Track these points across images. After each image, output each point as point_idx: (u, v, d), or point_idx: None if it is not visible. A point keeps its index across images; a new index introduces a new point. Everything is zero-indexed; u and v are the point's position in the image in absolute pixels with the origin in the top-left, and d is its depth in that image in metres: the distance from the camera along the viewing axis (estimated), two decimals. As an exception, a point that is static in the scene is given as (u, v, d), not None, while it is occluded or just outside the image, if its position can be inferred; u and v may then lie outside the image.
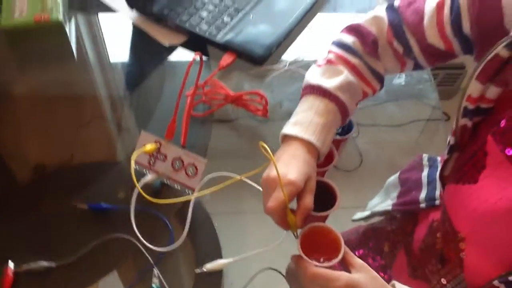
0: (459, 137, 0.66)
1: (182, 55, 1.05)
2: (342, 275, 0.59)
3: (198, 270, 0.72)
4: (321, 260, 0.62)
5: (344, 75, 0.69)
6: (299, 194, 0.63)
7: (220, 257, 0.75)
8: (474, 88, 0.60)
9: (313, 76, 0.71)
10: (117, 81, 1.07)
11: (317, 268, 0.60)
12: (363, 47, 0.72)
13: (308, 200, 0.62)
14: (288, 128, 0.67)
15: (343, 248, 0.61)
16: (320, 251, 0.62)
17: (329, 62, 0.71)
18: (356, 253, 0.91)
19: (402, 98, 1.15)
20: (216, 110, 0.90)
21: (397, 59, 0.74)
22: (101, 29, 1.13)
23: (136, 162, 0.80)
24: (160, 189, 0.82)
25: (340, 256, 0.61)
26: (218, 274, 0.73)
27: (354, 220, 0.95)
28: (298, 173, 0.62)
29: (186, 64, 0.78)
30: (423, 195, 0.82)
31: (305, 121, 0.66)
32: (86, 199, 0.79)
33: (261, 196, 0.64)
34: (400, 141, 1.17)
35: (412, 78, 1.11)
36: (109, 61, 1.10)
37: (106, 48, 1.11)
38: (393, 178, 0.93)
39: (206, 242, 0.80)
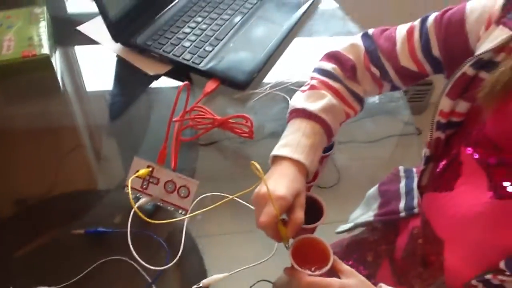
0: (433, 148, 0.71)
1: (165, 83, 1.10)
2: (334, 281, 0.63)
3: (195, 286, 0.75)
4: (312, 269, 0.66)
5: (327, 99, 0.75)
6: (290, 209, 0.67)
7: (205, 276, 0.78)
8: (445, 103, 0.66)
9: (298, 101, 0.76)
10: (102, 111, 1.11)
11: (311, 277, 0.64)
12: (343, 73, 0.78)
13: (299, 214, 0.67)
14: (278, 150, 0.72)
15: (332, 256, 0.66)
16: (310, 261, 0.67)
17: (312, 87, 0.77)
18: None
19: (377, 114, 1.20)
20: (203, 134, 0.95)
21: (375, 82, 0.80)
22: (85, 62, 1.18)
23: (129, 186, 0.84)
24: (153, 211, 0.85)
25: (330, 264, 0.65)
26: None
27: (338, 233, 0.99)
28: (287, 189, 0.66)
29: (170, 91, 0.82)
30: (402, 204, 0.87)
31: (293, 142, 0.71)
32: (83, 226, 0.82)
33: (252, 215, 0.68)
34: (376, 155, 1.21)
35: (386, 96, 1.17)
36: (94, 92, 1.13)
37: (89, 80, 1.14)
38: (373, 190, 0.97)
39: (191, 263, 0.83)
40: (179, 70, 1.10)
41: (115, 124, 1.06)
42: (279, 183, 0.68)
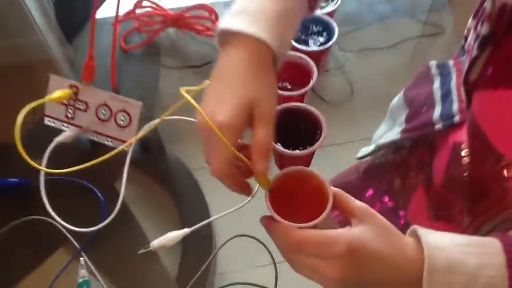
0: (495, 23, 0.46)
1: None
2: (341, 234, 0.41)
3: (142, 250, 0.52)
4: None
5: None
6: (252, 129, 0.42)
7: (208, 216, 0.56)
8: None
9: None
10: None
11: (303, 231, 0.41)
12: None
13: (260, 132, 0.42)
14: (227, 21, 0.45)
15: (331, 193, 0.43)
16: (299, 208, 0.46)
17: None
18: (359, 197, 0.73)
19: (389, 18, 1.08)
20: (154, 37, 0.68)
21: None
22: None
23: (49, 116, 0.60)
24: (90, 150, 0.61)
25: (329, 205, 0.42)
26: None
27: (359, 158, 0.77)
28: (232, 106, 0.41)
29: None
30: (437, 113, 0.63)
31: (252, 7, 0.44)
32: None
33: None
34: (393, 64, 1.04)
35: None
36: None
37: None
38: (398, 99, 0.74)
39: (192, 202, 0.61)
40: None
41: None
42: (222, 97, 0.42)
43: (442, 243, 0.42)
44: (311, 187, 0.46)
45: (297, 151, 0.50)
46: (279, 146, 0.51)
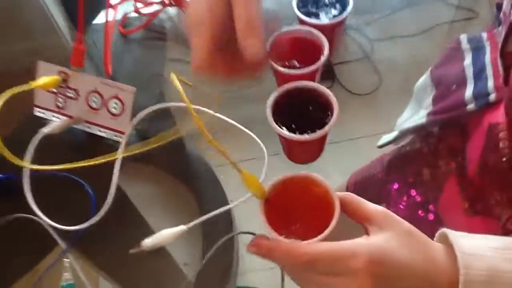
0: None
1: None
2: (359, 245, 0.34)
3: (133, 250, 0.47)
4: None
5: None
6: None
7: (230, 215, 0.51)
8: None
9: None
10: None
11: (313, 246, 0.34)
12: None
13: (239, 7, 0.36)
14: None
15: (337, 202, 0.37)
16: (301, 225, 0.39)
17: None
18: (384, 192, 0.65)
19: (419, 3, 1.07)
20: (152, 19, 0.63)
21: None
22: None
23: (39, 107, 0.55)
24: (85, 141, 0.57)
25: (336, 214, 0.36)
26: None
27: (380, 146, 0.70)
28: None
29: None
30: (469, 91, 0.56)
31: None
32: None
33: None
34: (424, 51, 0.95)
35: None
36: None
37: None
38: (423, 79, 0.66)
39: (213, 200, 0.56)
40: None
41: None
42: None
43: (477, 248, 0.34)
44: (313, 197, 0.39)
45: (306, 136, 0.43)
46: (284, 131, 0.44)
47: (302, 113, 0.45)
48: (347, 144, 1.30)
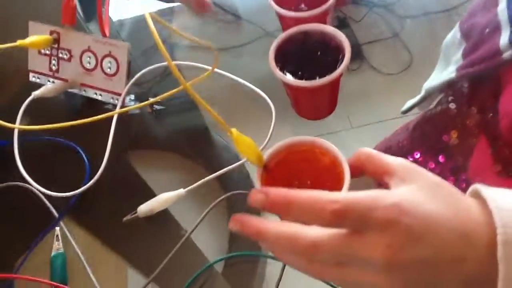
0: None
1: None
2: (380, 195, 0.28)
3: (128, 217, 0.43)
4: None
5: None
6: None
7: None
8: None
9: None
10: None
11: (339, 194, 0.29)
12: None
13: None
14: None
15: (347, 171, 0.34)
16: None
17: None
18: (410, 159, 0.59)
19: None
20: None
21: None
22: None
23: (33, 71, 0.52)
24: (83, 107, 0.53)
25: (346, 185, 0.33)
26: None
27: (404, 112, 0.64)
28: None
29: None
30: (504, 38, 0.49)
31: None
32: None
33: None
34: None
35: None
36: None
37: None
38: (452, 34, 0.59)
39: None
40: None
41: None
42: None
43: None
44: (320, 166, 0.35)
45: (313, 81, 0.38)
46: (288, 76, 0.39)
47: (310, 59, 0.40)
48: (378, 126, 1.23)
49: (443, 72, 0.56)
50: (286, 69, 0.39)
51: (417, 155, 0.57)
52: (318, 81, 0.38)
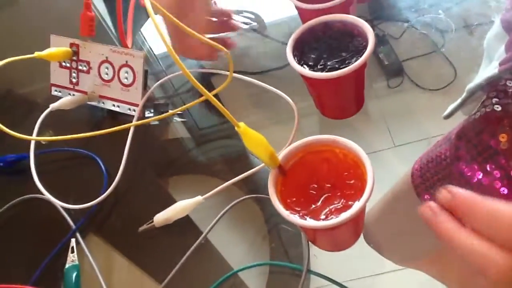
0: None
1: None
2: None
3: (144, 227, 0.41)
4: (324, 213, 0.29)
5: None
6: None
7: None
8: None
9: None
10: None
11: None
12: None
13: None
14: None
15: (370, 174, 0.31)
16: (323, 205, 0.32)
17: None
18: (454, 171, 0.55)
19: None
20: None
21: None
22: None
23: (55, 85, 0.52)
24: (102, 121, 0.52)
25: (368, 190, 0.30)
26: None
27: (446, 117, 0.60)
28: None
29: None
30: None
31: None
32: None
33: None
34: None
35: None
36: None
37: None
38: (494, 29, 0.55)
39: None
40: None
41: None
42: None
43: None
44: (341, 168, 0.32)
45: (334, 72, 0.35)
46: (306, 69, 0.37)
47: (332, 50, 0.37)
48: (421, 144, 1.17)
49: (486, 70, 0.51)
50: (305, 63, 0.37)
51: (468, 162, 0.52)
52: (340, 71, 0.35)
